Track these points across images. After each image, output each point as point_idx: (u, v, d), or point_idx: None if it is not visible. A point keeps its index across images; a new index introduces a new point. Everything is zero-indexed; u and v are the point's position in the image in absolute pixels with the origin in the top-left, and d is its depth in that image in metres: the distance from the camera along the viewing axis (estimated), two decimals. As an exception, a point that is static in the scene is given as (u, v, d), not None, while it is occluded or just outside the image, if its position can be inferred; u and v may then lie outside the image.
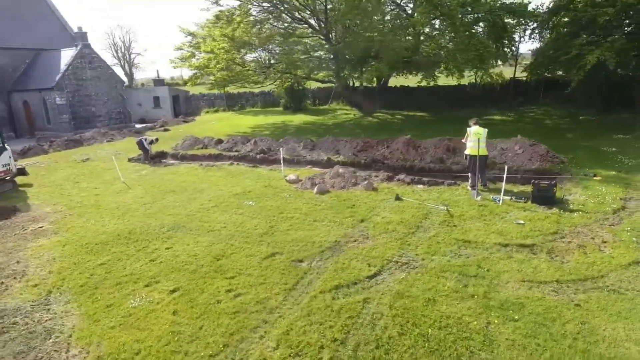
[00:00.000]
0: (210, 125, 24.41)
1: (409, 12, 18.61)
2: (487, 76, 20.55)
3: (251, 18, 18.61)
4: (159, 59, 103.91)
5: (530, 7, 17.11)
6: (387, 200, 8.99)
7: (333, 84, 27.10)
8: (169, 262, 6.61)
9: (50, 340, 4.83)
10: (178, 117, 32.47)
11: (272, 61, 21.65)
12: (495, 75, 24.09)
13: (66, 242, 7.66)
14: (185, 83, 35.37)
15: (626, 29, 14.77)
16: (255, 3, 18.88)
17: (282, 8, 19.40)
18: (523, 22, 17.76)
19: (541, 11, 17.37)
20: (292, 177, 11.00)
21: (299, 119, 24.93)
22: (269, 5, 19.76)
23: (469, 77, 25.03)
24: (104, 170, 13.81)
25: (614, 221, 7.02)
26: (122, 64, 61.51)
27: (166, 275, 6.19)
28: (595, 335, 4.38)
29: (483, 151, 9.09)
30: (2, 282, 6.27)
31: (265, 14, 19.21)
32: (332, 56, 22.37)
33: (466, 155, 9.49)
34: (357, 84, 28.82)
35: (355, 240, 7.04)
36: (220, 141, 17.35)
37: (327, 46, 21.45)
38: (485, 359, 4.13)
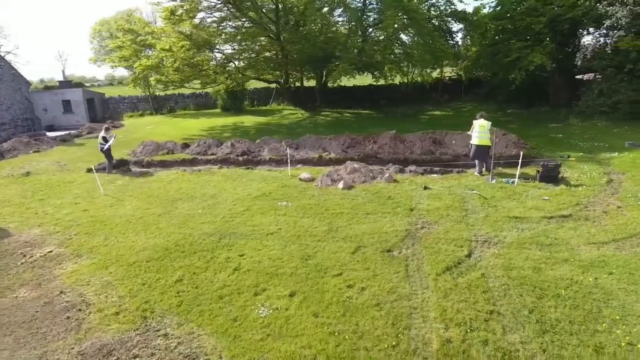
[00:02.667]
0: (151, 130, 22.31)
1: (373, 16, 19.53)
2: (420, 76, 22.53)
3: (209, 19, 17.62)
4: (38, 59, 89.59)
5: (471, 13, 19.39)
6: (415, 190, 9.59)
7: (279, 85, 26.95)
8: (256, 268, 6.22)
9: (201, 365, 4.29)
10: (93, 122, 28.78)
11: (233, 60, 20.71)
12: (426, 76, 26.67)
13: (106, 264, 6.60)
14: (112, 83, 31.51)
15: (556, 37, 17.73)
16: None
17: (233, 5, 18.73)
18: (467, 27, 20.05)
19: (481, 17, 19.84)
20: (305, 175, 10.93)
21: (248, 120, 24.28)
22: (218, 1, 18.90)
23: (403, 77, 27.27)
24: (65, 183, 11.86)
25: (613, 191, 8.70)
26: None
27: (267, 281, 5.84)
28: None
29: (487, 141, 10.27)
30: (69, 317, 5.22)
31: (218, 12, 18.31)
32: (281, 56, 22.33)
33: (472, 144, 10.59)
34: (297, 84, 29.18)
35: (422, 227, 7.47)
36: (186, 145, 16.15)
37: (277, 46, 21.31)
38: (616, 305, 4.94)
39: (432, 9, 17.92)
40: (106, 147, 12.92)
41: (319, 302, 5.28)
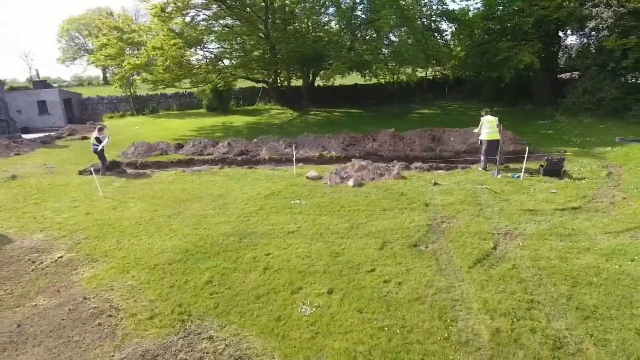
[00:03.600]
0: (137, 131, 21.63)
1: (362, 15, 19.61)
2: (406, 75, 22.72)
3: (199, 17, 17.20)
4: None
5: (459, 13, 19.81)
6: (425, 186, 9.71)
7: (267, 84, 26.69)
8: (286, 267, 6.12)
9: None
10: (71, 124, 27.60)
11: (223, 59, 20.33)
12: (411, 75, 27.08)
13: (126, 268, 6.34)
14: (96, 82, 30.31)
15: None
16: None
17: (223, 3, 18.40)
18: (456, 27, 20.46)
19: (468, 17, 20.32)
20: (313, 173, 10.86)
21: (237, 119, 23.94)
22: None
23: (392, 76, 27.57)
24: (58, 186, 11.32)
25: (614, 183, 9.09)
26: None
27: (301, 280, 5.76)
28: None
29: (496, 136, 10.53)
30: (100, 324, 4.97)
31: (206, 9, 17.91)
32: (270, 55, 22.10)
33: (481, 140, 10.82)
34: (284, 83, 29.01)
35: (442, 222, 7.57)
36: (180, 146, 15.76)
37: (266, 45, 21.10)
38: (646, 290, 5.16)
39: (424, 8, 18.22)
40: (100, 148, 12.42)
41: (360, 298, 5.25)
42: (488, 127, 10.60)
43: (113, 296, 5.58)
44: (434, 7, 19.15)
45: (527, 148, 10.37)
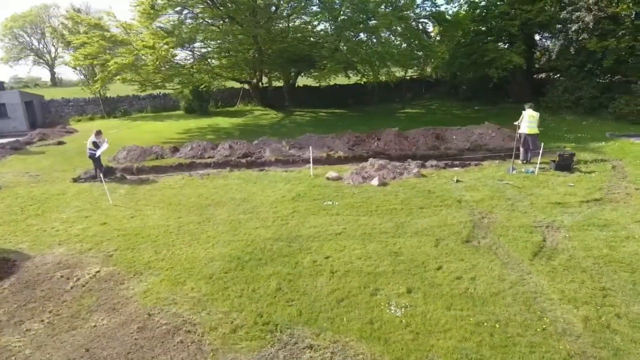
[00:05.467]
0: (116, 135, 20.38)
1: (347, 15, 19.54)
2: (386, 75, 23.07)
3: (183, 15, 16.46)
4: None
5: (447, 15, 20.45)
6: (448, 183, 9.93)
7: (249, 85, 26.13)
8: (353, 269, 6.02)
9: None
10: (33, 128, 25.55)
11: (212, 59, 19.59)
12: (391, 75, 27.59)
13: (179, 280, 5.95)
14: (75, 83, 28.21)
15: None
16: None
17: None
18: (442, 28, 21.06)
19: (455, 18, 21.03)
20: (332, 174, 10.76)
21: (222, 121, 23.26)
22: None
23: (372, 76, 27.90)
24: (54, 196, 10.44)
25: (621, 175, 9.76)
26: None
27: (375, 281, 5.68)
28: None
29: (536, 130, 10.97)
30: (182, 341, 4.63)
31: (191, 7, 17.24)
32: (258, 55, 21.68)
33: (521, 134, 11.20)
34: (266, 84, 28.57)
35: (483, 218, 7.76)
36: (176, 149, 15.07)
37: (253, 45, 20.68)
38: (697, 273, 5.58)
39: (418, 9, 18.69)
40: (98, 153, 11.61)
41: (441, 296, 5.27)
42: (528, 122, 11.00)
43: (180, 310, 5.22)
44: (427, 9, 19.70)
45: (542, 144, 10.85)
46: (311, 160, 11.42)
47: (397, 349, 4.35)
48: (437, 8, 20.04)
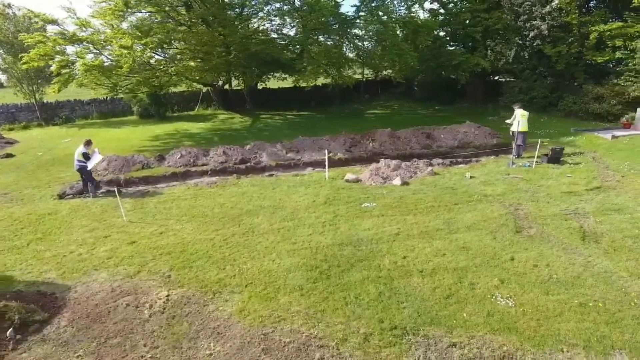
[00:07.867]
0: (69, 144, 18.24)
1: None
2: (345, 77, 23.68)
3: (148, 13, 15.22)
4: None
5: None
6: (462, 180, 10.56)
7: (212, 87, 24.95)
8: (438, 267, 6.21)
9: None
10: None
11: (183, 60, 18.28)
12: (349, 77, 28.23)
13: (269, 295, 5.66)
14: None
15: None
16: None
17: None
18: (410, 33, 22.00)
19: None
20: (351, 176, 10.85)
21: (190, 127, 21.93)
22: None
23: (326, 79, 28.21)
24: (46, 216, 9.14)
25: (604, 165, 11.16)
26: None
27: (464, 276, 5.93)
28: None
29: (526, 128, 11.92)
30: (322, 357, 4.45)
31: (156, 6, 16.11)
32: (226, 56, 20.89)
33: (513, 132, 12.10)
34: (226, 86, 27.63)
35: (516, 209, 8.43)
36: (161, 157, 13.96)
37: (221, 46, 19.92)
38: None
39: (393, 15, 19.36)
40: (90, 166, 10.41)
41: (533, 284, 5.68)
42: (521, 120, 11.92)
43: (295, 326, 4.99)
44: (403, 14, 20.51)
45: (540, 141, 11.97)
46: (327, 163, 11.37)
47: (531, 337, 4.64)
48: (413, 14, 21.13)
